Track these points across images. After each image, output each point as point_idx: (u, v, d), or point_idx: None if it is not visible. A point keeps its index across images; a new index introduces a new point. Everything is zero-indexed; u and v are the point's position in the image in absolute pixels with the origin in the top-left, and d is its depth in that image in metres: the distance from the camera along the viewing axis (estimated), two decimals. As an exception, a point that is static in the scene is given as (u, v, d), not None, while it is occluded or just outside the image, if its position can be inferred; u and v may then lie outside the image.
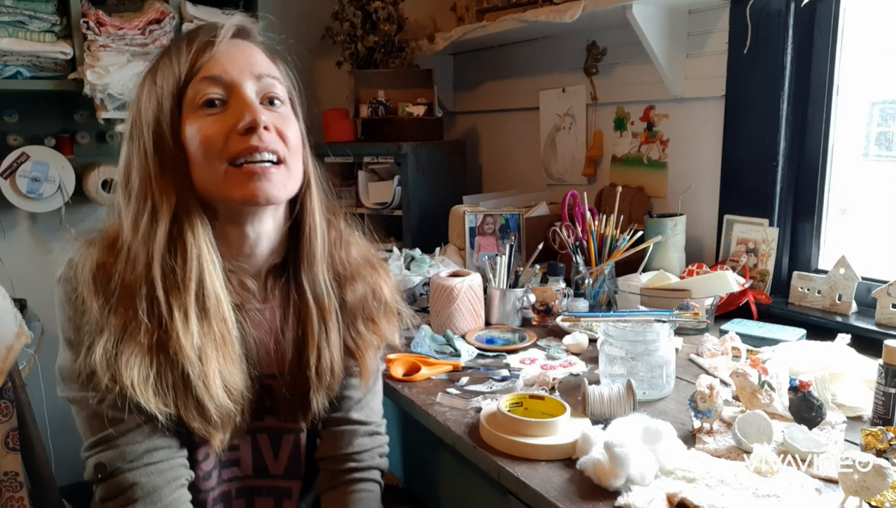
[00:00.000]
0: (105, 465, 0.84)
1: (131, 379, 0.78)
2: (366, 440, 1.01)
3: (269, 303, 0.94)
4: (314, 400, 0.94)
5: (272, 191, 0.83)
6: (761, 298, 1.47)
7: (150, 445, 0.85)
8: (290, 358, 0.93)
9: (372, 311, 0.98)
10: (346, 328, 0.96)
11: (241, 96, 0.83)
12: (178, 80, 0.83)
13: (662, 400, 1.10)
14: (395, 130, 2.22)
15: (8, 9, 1.79)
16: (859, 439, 0.88)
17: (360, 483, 0.99)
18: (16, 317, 1.26)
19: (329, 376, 0.93)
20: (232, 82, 0.83)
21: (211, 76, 0.83)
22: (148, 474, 0.84)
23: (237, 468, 0.97)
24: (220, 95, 0.83)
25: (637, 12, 1.59)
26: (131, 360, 0.79)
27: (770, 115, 1.51)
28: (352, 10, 2.28)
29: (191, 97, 0.83)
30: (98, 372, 0.79)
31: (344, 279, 0.96)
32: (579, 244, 1.58)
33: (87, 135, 2.16)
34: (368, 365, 0.98)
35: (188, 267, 0.81)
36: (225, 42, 0.85)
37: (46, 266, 2.18)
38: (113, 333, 0.79)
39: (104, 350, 0.79)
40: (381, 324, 0.99)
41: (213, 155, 0.82)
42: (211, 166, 0.82)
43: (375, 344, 0.99)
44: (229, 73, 0.83)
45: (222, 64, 0.84)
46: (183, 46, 0.85)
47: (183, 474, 0.88)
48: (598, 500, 0.81)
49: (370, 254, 1.02)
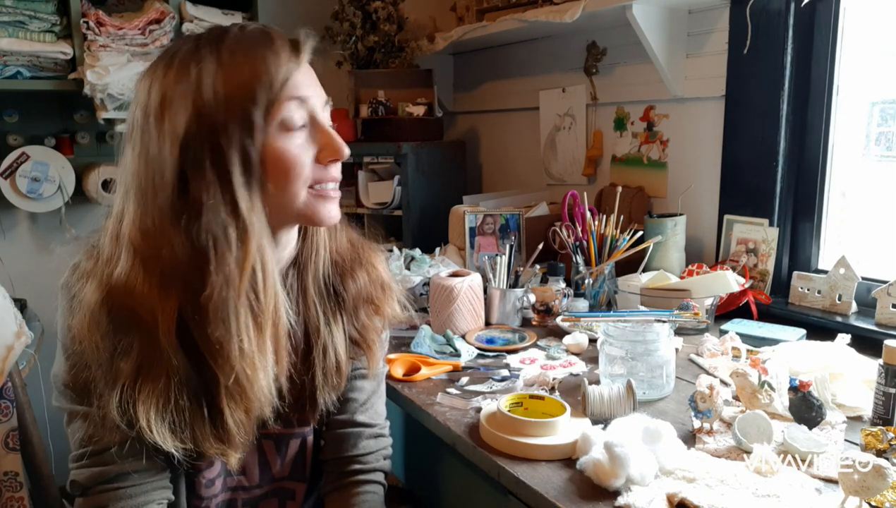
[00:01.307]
0: (79, 484, 0.85)
1: (148, 421, 0.77)
2: (370, 442, 1.01)
3: None
4: (321, 399, 0.93)
5: (338, 214, 0.88)
6: (761, 298, 1.47)
7: (124, 468, 0.84)
8: (299, 358, 0.93)
9: (372, 295, 0.97)
10: (350, 321, 0.95)
11: (323, 123, 0.83)
12: (270, 94, 0.77)
13: (662, 400, 1.10)
14: (395, 130, 2.22)
15: (8, 9, 1.79)
16: (859, 439, 0.88)
17: (365, 486, 0.99)
18: (16, 317, 1.26)
19: (335, 375, 0.93)
20: (315, 108, 0.82)
21: (300, 97, 0.80)
22: (116, 498, 0.84)
23: (242, 476, 0.97)
24: (304, 120, 0.81)
25: (637, 12, 1.59)
26: (148, 402, 0.77)
27: (770, 115, 1.51)
28: (352, 10, 2.28)
29: (277, 117, 0.78)
30: (114, 418, 0.77)
31: (344, 270, 0.96)
32: (579, 244, 1.58)
33: (87, 135, 2.16)
34: (375, 354, 0.98)
35: (268, 287, 0.80)
36: (309, 54, 0.83)
37: (46, 266, 2.19)
38: (127, 377, 0.77)
39: (119, 393, 0.76)
40: (383, 306, 0.99)
41: (299, 179, 0.81)
42: (293, 189, 0.81)
43: (380, 328, 0.98)
44: (312, 97, 0.82)
45: (306, 85, 0.81)
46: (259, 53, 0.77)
47: (154, 498, 0.87)
48: (598, 500, 0.81)
49: (357, 238, 1.01)
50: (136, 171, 0.78)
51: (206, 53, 0.77)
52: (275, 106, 0.77)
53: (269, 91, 0.77)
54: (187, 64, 0.77)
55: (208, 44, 0.78)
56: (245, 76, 0.76)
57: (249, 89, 0.76)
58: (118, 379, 0.77)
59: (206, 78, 0.76)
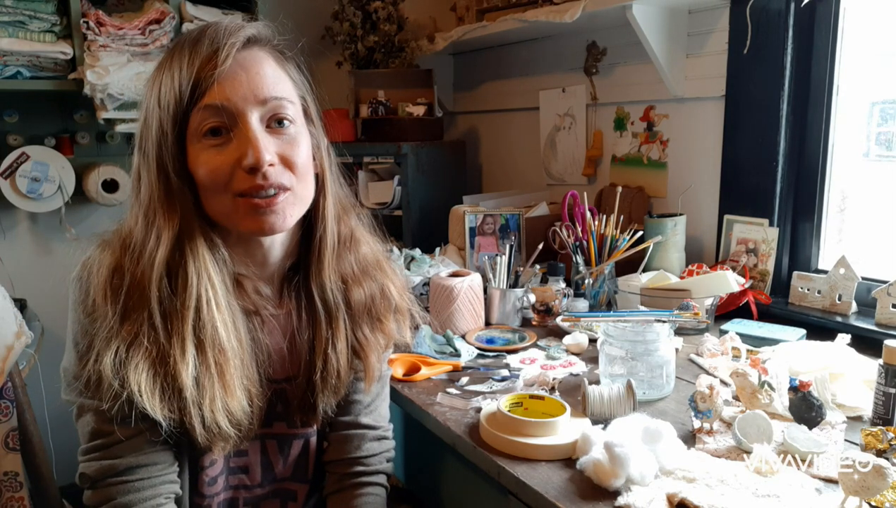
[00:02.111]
0: (88, 476, 0.85)
1: (139, 384, 0.77)
2: (374, 444, 1.02)
3: (284, 308, 0.93)
4: (320, 404, 0.93)
5: (277, 222, 0.83)
6: (761, 298, 1.47)
7: (133, 462, 0.85)
8: (304, 361, 0.93)
9: (379, 312, 0.97)
10: (352, 330, 0.95)
11: (245, 128, 0.79)
12: (180, 105, 0.78)
13: (662, 400, 1.10)
14: (395, 130, 2.22)
15: (8, 9, 1.79)
16: (859, 439, 0.88)
17: (367, 487, 1.00)
18: (16, 317, 1.26)
19: (335, 380, 0.93)
20: (236, 112, 0.79)
21: (214, 105, 0.78)
22: (124, 492, 0.85)
23: (245, 475, 0.97)
24: (223, 123, 0.79)
25: (637, 12, 1.59)
26: (140, 366, 0.78)
27: (770, 115, 1.51)
28: (352, 10, 2.28)
29: (194, 126, 0.79)
30: (106, 375, 0.78)
31: (351, 281, 0.95)
32: (579, 244, 1.58)
33: (87, 135, 2.16)
34: (373, 366, 0.97)
35: (187, 294, 0.80)
36: (230, 59, 0.79)
37: (46, 266, 2.19)
38: (124, 339, 0.79)
39: (114, 354, 0.78)
40: (387, 324, 0.98)
41: (219, 187, 0.80)
42: (217, 197, 0.81)
43: (382, 344, 0.98)
44: (233, 101, 0.79)
45: (225, 91, 0.79)
46: (185, 61, 0.79)
47: (162, 492, 0.87)
48: (598, 500, 0.81)
49: (379, 253, 1.00)
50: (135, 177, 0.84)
51: (161, 60, 0.83)
52: (188, 115, 0.79)
53: (179, 100, 0.78)
54: (153, 73, 0.83)
55: (167, 52, 0.83)
56: (167, 84, 0.79)
57: (165, 98, 0.79)
58: (116, 338, 0.78)
59: (151, 86, 0.82)
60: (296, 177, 0.84)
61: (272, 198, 0.81)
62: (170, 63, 0.81)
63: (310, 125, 0.89)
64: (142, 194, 0.82)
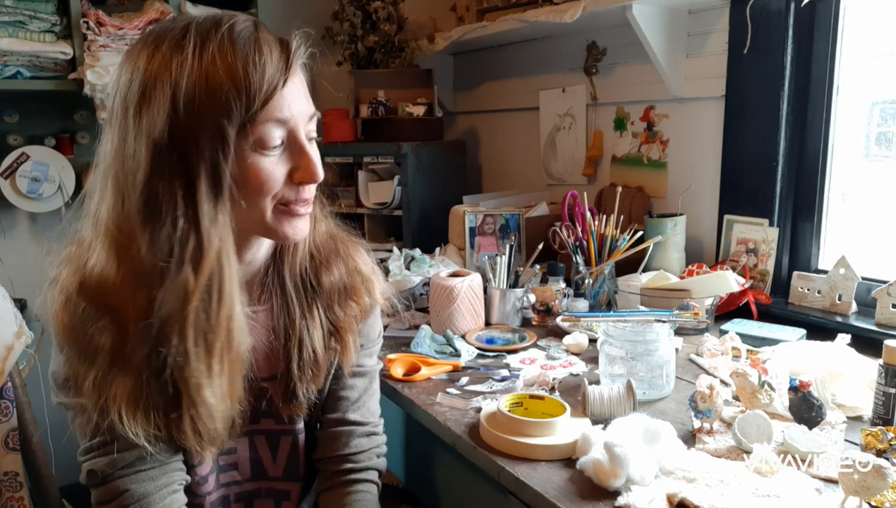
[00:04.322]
0: (97, 472, 0.84)
1: (119, 411, 0.76)
2: (363, 440, 1.01)
3: (263, 305, 0.93)
4: (300, 391, 0.92)
5: (306, 230, 0.87)
6: (761, 298, 1.47)
7: (142, 452, 0.84)
8: (282, 353, 0.93)
9: (348, 286, 0.96)
10: (325, 312, 0.94)
11: (300, 143, 0.80)
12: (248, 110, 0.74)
13: (662, 400, 1.10)
14: (395, 130, 2.22)
15: (8, 9, 1.79)
16: (859, 439, 0.88)
17: (357, 485, 0.99)
18: (16, 317, 1.26)
19: (312, 365, 0.92)
20: (295, 126, 0.80)
21: (281, 119, 0.77)
22: (139, 481, 0.85)
23: (235, 472, 0.97)
24: (283, 138, 0.79)
25: (637, 12, 1.59)
26: (120, 394, 0.76)
27: (770, 115, 1.51)
28: (352, 10, 2.28)
29: (257, 134, 0.76)
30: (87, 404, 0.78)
31: (319, 263, 0.95)
32: (579, 244, 1.58)
33: (87, 135, 2.16)
34: (348, 345, 0.95)
35: (223, 308, 0.78)
36: (297, 72, 0.79)
37: (46, 266, 2.19)
38: (100, 368, 0.77)
39: (93, 378, 0.77)
40: (361, 297, 0.97)
41: (267, 195, 0.80)
42: (259, 203, 0.80)
43: (357, 316, 0.96)
44: (295, 115, 0.79)
45: (290, 105, 0.78)
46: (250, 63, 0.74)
47: (175, 479, 0.88)
48: (598, 500, 0.81)
49: (336, 230, 0.99)
50: (112, 163, 0.77)
51: (190, 50, 0.73)
52: (252, 125, 0.75)
53: (247, 109, 0.74)
54: (170, 58, 0.73)
55: (195, 38, 0.74)
56: (224, 88, 0.73)
57: (226, 103, 0.73)
58: (91, 368, 0.77)
59: (186, 81, 0.73)
60: None
61: (307, 206, 0.84)
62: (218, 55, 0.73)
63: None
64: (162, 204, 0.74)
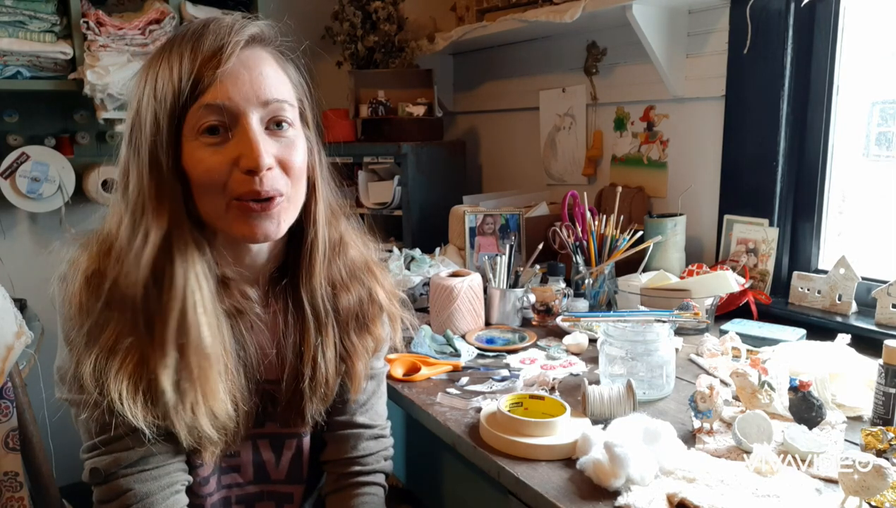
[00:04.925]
0: (100, 471, 0.84)
1: (119, 392, 0.76)
2: (371, 443, 1.01)
3: (270, 308, 0.92)
4: (308, 412, 0.93)
5: (271, 229, 0.81)
6: (761, 298, 1.47)
7: (145, 451, 0.84)
8: (290, 364, 0.92)
9: (366, 316, 0.95)
10: (340, 336, 0.93)
11: (245, 129, 0.77)
12: (179, 100, 0.76)
13: (662, 400, 1.10)
14: (395, 130, 2.22)
15: (8, 9, 1.79)
16: (859, 439, 0.89)
17: (365, 487, 0.99)
18: (16, 317, 1.26)
19: (324, 388, 0.92)
20: (237, 111, 0.77)
21: (215, 104, 0.76)
22: (142, 480, 0.84)
23: (237, 474, 0.97)
24: (223, 122, 0.77)
25: (637, 12, 1.59)
26: (120, 374, 0.77)
27: (770, 115, 1.51)
28: (352, 10, 2.28)
29: (192, 123, 0.77)
30: (87, 384, 0.77)
31: (340, 286, 0.93)
32: (579, 244, 1.58)
33: (87, 135, 2.16)
34: (358, 373, 0.95)
35: (173, 296, 0.77)
36: (234, 57, 0.77)
37: (46, 266, 2.18)
38: (103, 344, 0.77)
39: (94, 361, 0.77)
40: (375, 328, 0.97)
41: (214, 188, 0.78)
42: (211, 198, 0.79)
43: (370, 348, 0.97)
44: (234, 100, 0.77)
45: (227, 89, 0.76)
46: (186, 55, 0.76)
47: (178, 479, 0.87)
48: (598, 500, 0.81)
49: (367, 256, 0.98)
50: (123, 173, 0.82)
51: (157, 51, 0.80)
52: (187, 112, 0.76)
53: (178, 95, 0.76)
54: (148, 65, 0.80)
55: (165, 42, 0.81)
56: (164, 77, 0.76)
57: (162, 91, 0.76)
58: (94, 344, 0.77)
59: (145, 77, 0.79)
60: (291, 181, 0.82)
61: (267, 202, 0.79)
62: (168, 55, 0.78)
63: (305, 128, 0.87)
64: (130, 190, 0.79)
